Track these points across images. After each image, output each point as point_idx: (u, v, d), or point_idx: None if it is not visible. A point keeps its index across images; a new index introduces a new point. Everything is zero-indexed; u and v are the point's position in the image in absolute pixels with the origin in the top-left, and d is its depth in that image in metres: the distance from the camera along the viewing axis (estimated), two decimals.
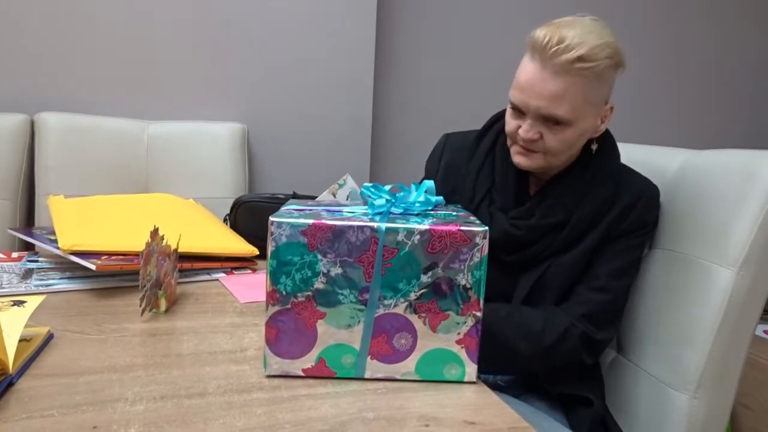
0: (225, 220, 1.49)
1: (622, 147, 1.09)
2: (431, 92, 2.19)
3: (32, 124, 1.65)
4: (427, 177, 1.19)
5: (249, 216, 1.43)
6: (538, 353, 0.97)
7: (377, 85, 2.06)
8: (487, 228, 0.74)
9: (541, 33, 0.93)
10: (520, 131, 0.98)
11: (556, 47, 0.91)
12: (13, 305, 0.91)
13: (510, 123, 1.02)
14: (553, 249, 1.03)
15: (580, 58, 0.90)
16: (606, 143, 1.06)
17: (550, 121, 0.96)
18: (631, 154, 1.16)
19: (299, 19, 1.90)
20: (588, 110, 0.96)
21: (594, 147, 1.04)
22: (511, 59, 1.09)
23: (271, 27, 1.89)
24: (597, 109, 0.99)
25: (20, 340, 0.75)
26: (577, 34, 0.91)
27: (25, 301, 0.93)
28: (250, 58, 1.89)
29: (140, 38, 1.79)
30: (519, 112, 0.99)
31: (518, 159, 1.02)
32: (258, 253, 1.27)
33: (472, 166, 1.11)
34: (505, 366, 1.02)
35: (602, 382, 1.11)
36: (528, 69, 0.96)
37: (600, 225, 1.03)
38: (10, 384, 0.70)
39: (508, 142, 1.05)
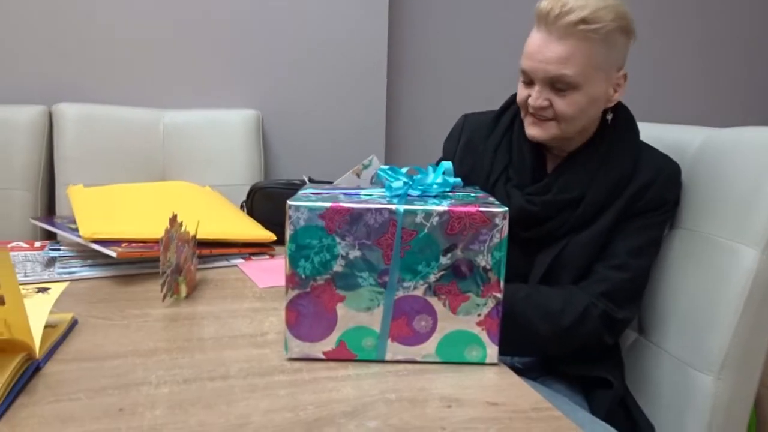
0: (242, 207, 1.50)
1: (641, 126, 1.07)
2: (445, 76, 2.17)
3: (50, 115, 1.67)
4: (445, 158, 1.18)
5: (265, 202, 1.43)
6: (558, 333, 0.97)
7: (391, 68, 2.05)
8: (506, 209, 0.74)
9: (545, 2, 0.95)
10: (530, 99, 1.00)
11: (558, 11, 0.93)
12: (37, 292, 0.93)
13: (520, 93, 1.03)
14: (570, 226, 1.03)
15: (583, 20, 0.92)
16: (621, 116, 1.05)
17: (558, 86, 0.97)
18: (651, 133, 1.14)
19: (312, 5, 1.89)
20: (595, 75, 0.96)
21: (609, 117, 1.04)
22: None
23: (284, 13, 1.88)
24: (606, 75, 0.98)
25: (45, 326, 0.76)
26: None
27: (49, 288, 0.95)
28: (264, 44, 1.88)
29: (155, 27, 1.79)
30: (528, 81, 1.00)
31: (532, 131, 1.03)
32: (276, 238, 1.27)
33: (489, 143, 1.11)
34: (525, 347, 1.01)
35: (622, 363, 1.10)
36: (535, 38, 0.98)
37: (617, 202, 1.02)
38: (37, 369, 0.71)
39: (522, 115, 1.06)
